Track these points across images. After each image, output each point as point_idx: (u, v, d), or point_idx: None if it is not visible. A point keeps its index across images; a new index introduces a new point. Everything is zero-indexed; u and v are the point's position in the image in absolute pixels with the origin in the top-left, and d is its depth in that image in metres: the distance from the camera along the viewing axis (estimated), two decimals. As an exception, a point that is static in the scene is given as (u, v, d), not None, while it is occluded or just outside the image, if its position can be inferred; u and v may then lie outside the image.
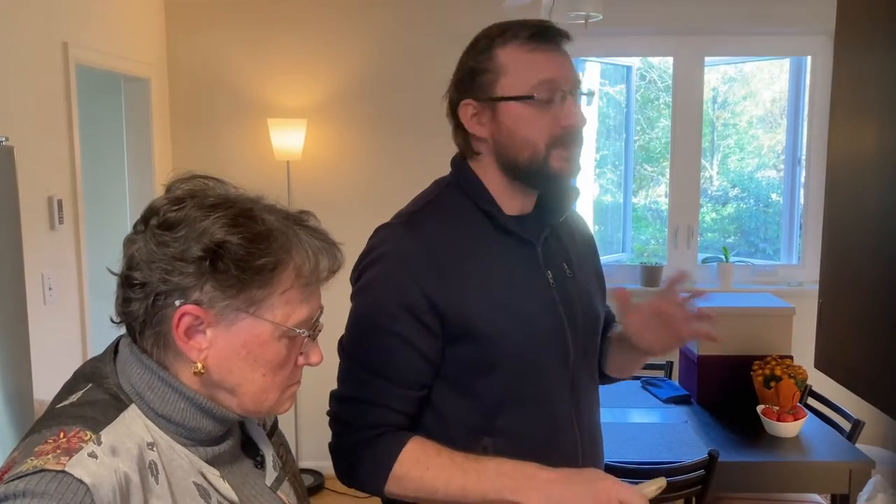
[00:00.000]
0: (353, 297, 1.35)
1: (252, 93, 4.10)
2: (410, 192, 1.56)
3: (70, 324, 3.11)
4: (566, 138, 1.32)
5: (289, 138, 3.88)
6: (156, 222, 0.90)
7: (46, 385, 2.51)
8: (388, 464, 1.27)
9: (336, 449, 1.34)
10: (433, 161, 4.04)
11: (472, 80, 1.36)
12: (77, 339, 3.15)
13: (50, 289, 2.93)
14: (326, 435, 1.38)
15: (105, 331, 3.64)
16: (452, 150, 1.48)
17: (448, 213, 1.37)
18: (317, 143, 4.11)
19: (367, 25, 4.06)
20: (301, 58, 4.08)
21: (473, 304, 1.30)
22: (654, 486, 1.16)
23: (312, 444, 4.23)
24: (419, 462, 1.26)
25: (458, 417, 1.33)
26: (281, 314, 0.91)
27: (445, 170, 1.51)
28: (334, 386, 1.37)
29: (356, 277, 1.36)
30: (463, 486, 1.22)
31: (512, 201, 1.39)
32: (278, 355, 0.93)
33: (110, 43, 3.48)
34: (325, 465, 4.52)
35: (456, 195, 1.40)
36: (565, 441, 1.39)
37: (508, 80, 1.32)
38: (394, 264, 1.30)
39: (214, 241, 0.87)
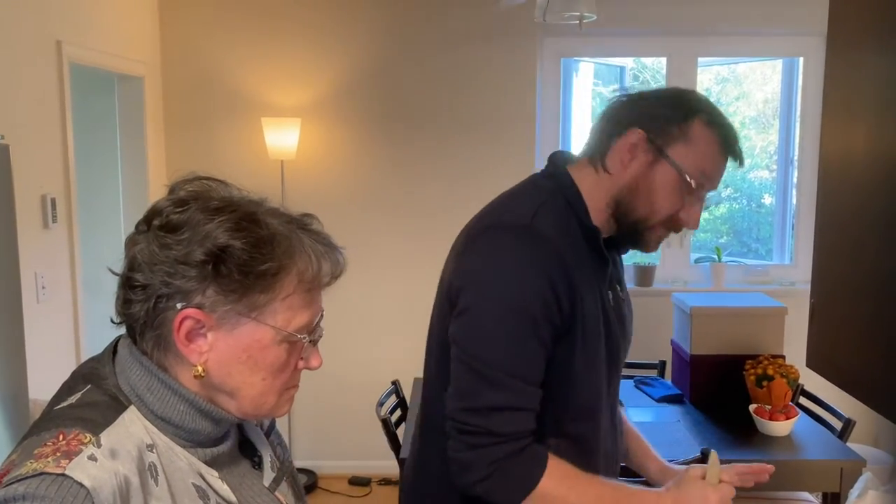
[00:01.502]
0: (483, 301, 1.32)
1: (246, 91, 4.10)
2: (405, 191, 1.57)
3: (63, 322, 3.10)
4: (675, 227, 1.41)
5: (283, 137, 3.88)
6: (158, 223, 0.89)
7: (39, 384, 2.51)
8: (534, 479, 1.30)
9: (472, 459, 1.30)
10: (427, 160, 4.07)
11: (658, 119, 1.36)
12: (70, 337, 3.15)
13: (43, 287, 2.92)
14: (320, 434, 1.38)
15: (98, 330, 3.63)
16: (445, 147, 1.49)
17: (560, 221, 1.39)
18: (311, 143, 4.11)
19: (362, 24, 4.06)
20: (295, 57, 4.08)
21: (580, 314, 1.35)
22: (716, 469, 1.33)
23: (306, 443, 4.23)
24: (563, 481, 1.31)
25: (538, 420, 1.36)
26: (282, 319, 0.91)
27: (439, 169, 1.52)
28: (328, 385, 1.37)
29: (477, 281, 1.34)
30: None
31: (603, 222, 1.43)
32: (278, 359, 0.93)
33: (104, 41, 3.47)
34: (319, 463, 4.53)
35: (562, 203, 1.41)
36: (607, 443, 1.49)
37: (685, 150, 1.36)
38: (532, 269, 1.31)
39: (218, 246, 0.87)
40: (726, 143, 1.37)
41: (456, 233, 1.51)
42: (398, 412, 3.10)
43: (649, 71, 5.26)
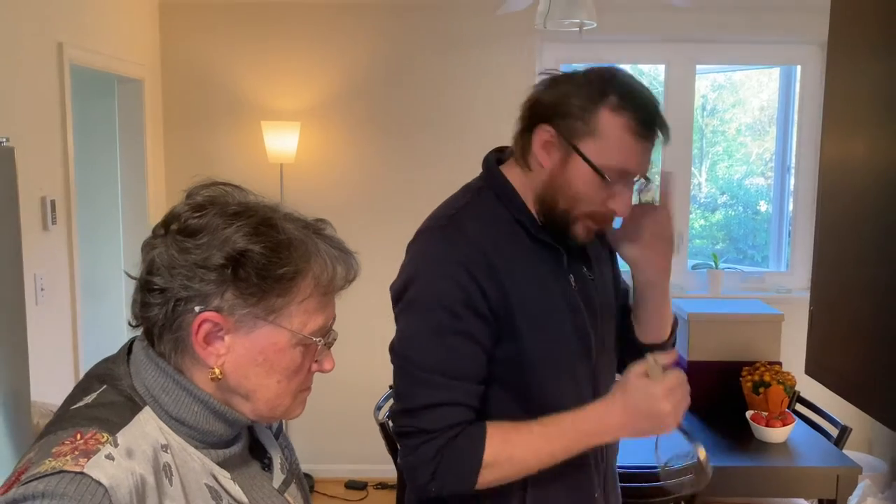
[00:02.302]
0: (408, 304, 1.34)
1: (246, 95, 4.11)
2: (403, 195, 1.59)
3: (62, 324, 3.10)
4: (604, 218, 1.38)
5: (282, 141, 3.89)
6: (177, 228, 0.90)
7: (37, 386, 2.51)
8: (478, 455, 1.29)
9: (414, 462, 1.31)
10: (426, 164, 4.08)
11: (564, 115, 1.32)
12: (68, 339, 3.14)
13: (42, 289, 2.92)
14: (317, 437, 1.39)
15: (97, 332, 3.62)
16: (444, 153, 1.51)
17: (484, 216, 1.39)
18: (310, 146, 4.11)
19: (361, 29, 4.07)
20: (295, 60, 4.09)
21: (516, 303, 1.34)
22: (655, 364, 1.27)
23: (302, 446, 4.21)
24: (505, 444, 1.30)
25: (503, 413, 1.36)
26: (298, 322, 0.93)
27: (438, 172, 1.54)
28: (325, 389, 1.38)
29: (403, 286, 1.36)
30: (551, 452, 1.30)
31: (538, 216, 1.42)
32: (293, 362, 0.94)
33: (105, 43, 3.48)
34: (315, 467, 4.52)
35: (490, 199, 1.41)
36: None
37: (595, 145, 1.31)
38: (448, 265, 1.32)
39: (237, 250, 0.88)
40: (640, 126, 1.30)
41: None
42: (396, 416, 3.10)
43: (646, 77, 5.28)
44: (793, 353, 2.98)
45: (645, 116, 1.31)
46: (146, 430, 0.88)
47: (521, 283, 1.35)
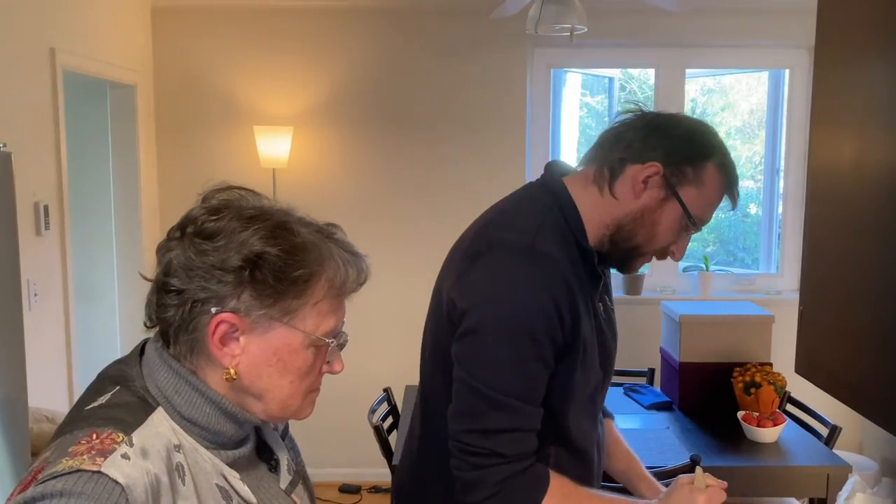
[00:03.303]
0: (487, 324, 1.32)
1: (238, 100, 4.11)
2: (396, 200, 1.59)
3: (55, 330, 3.09)
4: (663, 257, 1.46)
5: (275, 146, 3.89)
6: (193, 230, 0.92)
7: (31, 391, 2.50)
8: (537, 498, 1.33)
9: (477, 479, 1.32)
10: (418, 169, 4.09)
11: (676, 157, 1.37)
12: (62, 344, 3.14)
13: (35, 295, 2.92)
14: (311, 441, 1.40)
15: (90, 337, 3.62)
16: (438, 159, 1.52)
17: (560, 238, 1.39)
18: (303, 151, 4.12)
19: (354, 35, 4.09)
20: (288, 65, 4.10)
21: (579, 332, 1.37)
22: (702, 475, 1.38)
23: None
24: (565, 499, 1.35)
25: (539, 431, 1.38)
26: (311, 324, 0.95)
27: (430, 178, 1.55)
28: (324, 392, 1.37)
29: (478, 302, 1.33)
30: None
31: (596, 239, 1.44)
32: (306, 363, 0.96)
33: (97, 49, 3.48)
34: (309, 471, 4.49)
35: (560, 220, 1.41)
36: (594, 449, 1.53)
37: (696, 195, 1.39)
38: (536, 291, 1.31)
39: (254, 252, 0.90)
40: (730, 188, 1.42)
41: (448, 241, 1.53)
42: (389, 419, 3.11)
43: (636, 81, 5.31)
44: (783, 354, 3.00)
45: (736, 179, 1.43)
46: (159, 431, 0.90)
47: (583, 312, 1.38)
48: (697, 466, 1.42)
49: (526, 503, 1.33)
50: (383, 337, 4.18)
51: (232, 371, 0.93)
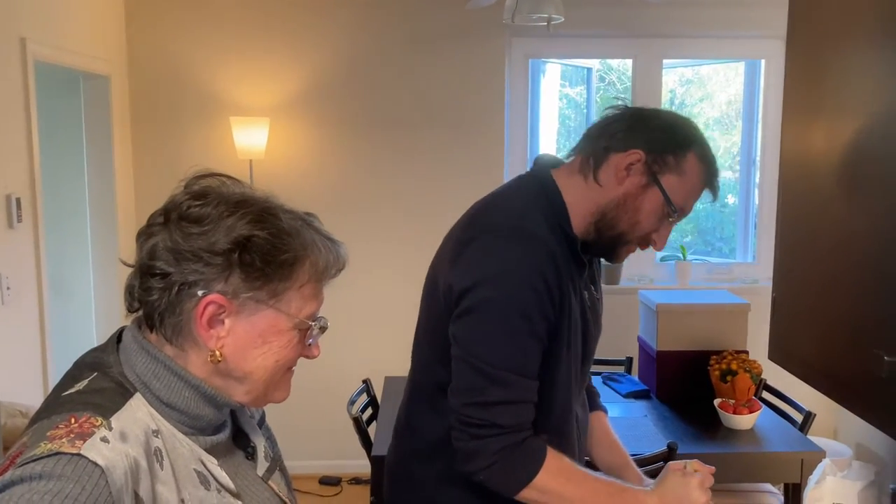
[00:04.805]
0: (480, 303, 1.38)
1: (214, 91, 4.08)
2: (373, 191, 1.60)
3: (28, 323, 3.06)
4: (643, 244, 1.50)
5: (251, 137, 3.87)
6: (178, 215, 0.93)
7: (4, 386, 2.48)
8: (531, 471, 1.37)
9: (476, 449, 1.38)
10: (396, 160, 4.08)
11: (659, 147, 1.42)
12: (36, 338, 3.11)
13: (8, 288, 2.88)
14: (290, 433, 1.41)
15: (65, 330, 3.58)
16: (416, 149, 1.53)
17: (547, 221, 1.45)
18: (280, 142, 4.10)
19: (331, 25, 4.06)
20: (264, 56, 4.07)
21: (564, 312, 1.43)
22: (691, 462, 1.45)
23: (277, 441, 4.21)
24: (560, 473, 1.39)
25: None
26: (295, 307, 0.97)
27: (408, 168, 1.55)
28: (298, 384, 1.38)
29: (472, 284, 1.38)
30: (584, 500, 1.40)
31: (582, 228, 1.49)
32: (290, 345, 0.98)
33: (69, 39, 3.44)
34: (289, 463, 4.47)
35: (546, 206, 1.47)
36: (575, 432, 1.58)
37: (677, 182, 1.44)
38: (526, 270, 1.37)
39: (243, 235, 0.92)
40: (710, 179, 1.47)
41: (425, 232, 1.55)
42: (369, 411, 3.11)
43: (615, 72, 5.33)
44: (759, 342, 3.02)
45: (716, 172, 1.48)
46: (138, 416, 0.91)
47: (568, 293, 1.43)
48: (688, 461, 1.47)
49: (523, 473, 1.37)
50: (362, 328, 4.18)
51: (217, 353, 0.94)
